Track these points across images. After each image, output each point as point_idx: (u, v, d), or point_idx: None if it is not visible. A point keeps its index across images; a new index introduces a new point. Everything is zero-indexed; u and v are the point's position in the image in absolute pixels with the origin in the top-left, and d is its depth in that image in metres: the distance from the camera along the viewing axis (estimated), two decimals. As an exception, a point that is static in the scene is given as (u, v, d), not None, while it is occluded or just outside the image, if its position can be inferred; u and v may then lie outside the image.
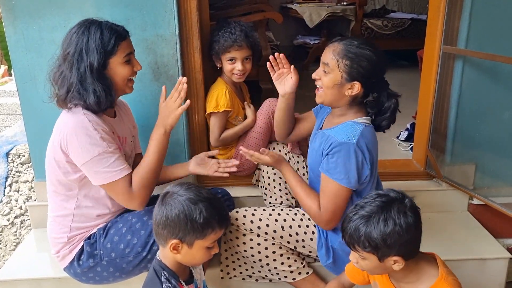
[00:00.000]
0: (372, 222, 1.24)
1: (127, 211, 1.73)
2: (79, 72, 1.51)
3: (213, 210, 1.34)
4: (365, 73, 1.53)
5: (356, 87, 1.54)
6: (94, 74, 1.52)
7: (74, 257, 1.66)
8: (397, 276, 1.37)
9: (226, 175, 1.79)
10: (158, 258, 1.41)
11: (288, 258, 1.74)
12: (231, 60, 2.06)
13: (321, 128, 1.74)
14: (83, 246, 1.66)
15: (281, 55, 1.76)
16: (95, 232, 1.68)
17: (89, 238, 1.67)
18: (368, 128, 1.59)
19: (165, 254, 1.39)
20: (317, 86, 1.62)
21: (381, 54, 1.56)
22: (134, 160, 1.82)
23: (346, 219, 1.32)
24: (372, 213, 1.25)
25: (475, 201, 2.21)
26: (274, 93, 3.16)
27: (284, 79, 1.79)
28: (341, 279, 1.63)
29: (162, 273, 1.37)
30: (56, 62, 1.57)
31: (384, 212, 1.24)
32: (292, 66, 1.77)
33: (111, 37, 1.53)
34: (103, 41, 1.52)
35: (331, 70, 1.55)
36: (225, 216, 1.41)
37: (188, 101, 1.65)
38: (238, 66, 2.06)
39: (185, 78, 1.67)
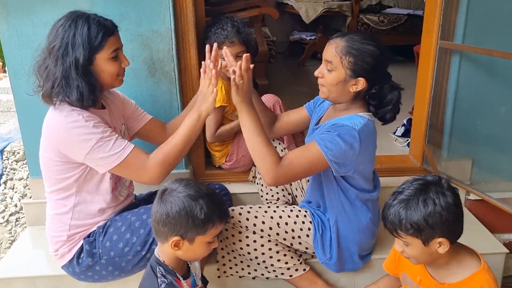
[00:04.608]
0: (411, 205, 1.25)
1: (126, 209, 1.72)
2: (64, 67, 1.47)
3: (214, 205, 1.34)
4: (370, 69, 1.51)
5: (361, 83, 1.53)
6: (79, 70, 1.48)
7: (74, 255, 1.65)
8: (439, 263, 1.36)
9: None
10: (156, 254, 1.41)
11: (285, 255, 1.73)
12: (224, 56, 2.05)
13: (318, 123, 1.72)
14: (82, 244, 1.65)
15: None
16: (95, 230, 1.66)
17: (88, 236, 1.66)
18: (371, 122, 1.58)
19: (164, 250, 1.39)
20: (320, 83, 1.60)
21: (383, 47, 1.54)
22: (150, 125, 1.82)
23: (385, 206, 1.32)
24: (410, 196, 1.26)
25: (472, 196, 2.21)
26: (270, 89, 3.18)
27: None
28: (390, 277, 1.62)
29: (158, 269, 1.37)
30: (41, 54, 1.53)
31: (422, 194, 1.25)
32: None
33: (98, 32, 1.48)
34: (90, 36, 1.47)
35: (334, 68, 1.53)
36: (225, 211, 1.41)
37: (215, 89, 1.57)
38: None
39: (210, 63, 1.58)
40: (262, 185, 2.08)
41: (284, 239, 1.72)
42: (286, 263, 1.74)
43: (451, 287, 1.36)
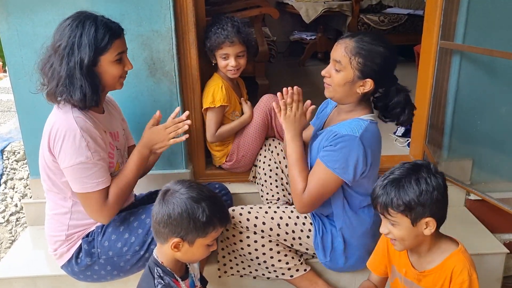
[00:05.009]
0: (404, 183, 1.28)
1: (125, 209, 1.72)
2: (69, 67, 1.47)
3: (215, 208, 1.34)
4: (378, 70, 1.51)
5: (369, 84, 1.53)
6: (84, 70, 1.48)
7: (72, 255, 1.65)
8: (422, 250, 1.39)
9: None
10: (154, 255, 1.41)
11: (286, 255, 1.73)
12: (224, 56, 2.05)
13: (322, 128, 1.72)
14: (81, 244, 1.65)
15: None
16: (93, 230, 1.66)
17: (87, 236, 1.66)
18: (373, 125, 1.58)
19: (163, 251, 1.38)
20: (326, 83, 1.60)
21: (392, 49, 1.54)
22: (128, 150, 1.82)
23: (376, 186, 1.35)
24: (402, 175, 1.30)
25: (472, 197, 2.21)
26: (270, 89, 3.17)
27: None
28: (370, 278, 1.62)
29: (156, 270, 1.36)
30: (46, 52, 1.53)
31: (414, 174, 1.29)
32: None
33: (105, 34, 1.49)
34: (97, 37, 1.48)
35: (343, 68, 1.53)
36: (226, 214, 1.41)
37: (185, 136, 1.65)
38: (232, 62, 2.05)
39: (188, 116, 1.66)
40: (262, 185, 2.08)
41: (285, 240, 1.72)
42: (287, 263, 1.74)
43: (430, 273, 1.39)
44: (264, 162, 2.08)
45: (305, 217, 1.74)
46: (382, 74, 1.52)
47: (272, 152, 2.09)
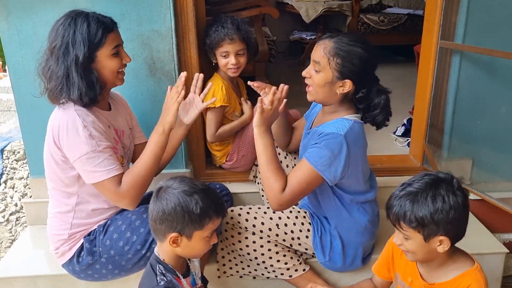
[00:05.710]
0: (419, 198, 1.23)
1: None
2: (65, 66, 1.48)
3: (209, 200, 1.34)
4: (357, 71, 1.51)
5: (348, 85, 1.53)
6: (80, 67, 1.48)
7: (74, 254, 1.65)
8: (434, 264, 1.35)
9: (214, 99, 1.76)
10: (155, 253, 1.41)
11: (284, 255, 1.73)
12: (224, 54, 2.05)
13: (311, 128, 1.73)
14: (83, 243, 1.65)
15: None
16: (95, 229, 1.67)
17: (89, 234, 1.66)
18: (357, 124, 1.57)
19: (164, 249, 1.39)
20: (307, 83, 1.60)
21: (372, 50, 1.54)
22: (137, 150, 1.81)
23: (392, 196, 1.30)
24: (420, 189, 1.24)
25: (472, 196, 2.20)
26: (270, 89, 3.17)
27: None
28: (373, 280, 1.60)
29: (158, 267, 1.37)
30: (44, 55, 1.54)
31: (432, 189, 1.23)
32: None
33: (98, 29, 1.49)
34: (90, 33, 1.48)
35: (322, 69, 1.53)
36: (221, 205, 1.41)
37: (182, 93, 1.61)
38: (232, 60, 2.05)
39: (184, 73, 1.65)
40: (263, 184, 2.08)
41: (284, 240, 1.72)
42: (286, 263, 1.74)
43: (440, 286, 1.35)
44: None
45: (304, 217, 1.74)
46: (361, 75, 1.52)
47: (272, 151, 2.08)
